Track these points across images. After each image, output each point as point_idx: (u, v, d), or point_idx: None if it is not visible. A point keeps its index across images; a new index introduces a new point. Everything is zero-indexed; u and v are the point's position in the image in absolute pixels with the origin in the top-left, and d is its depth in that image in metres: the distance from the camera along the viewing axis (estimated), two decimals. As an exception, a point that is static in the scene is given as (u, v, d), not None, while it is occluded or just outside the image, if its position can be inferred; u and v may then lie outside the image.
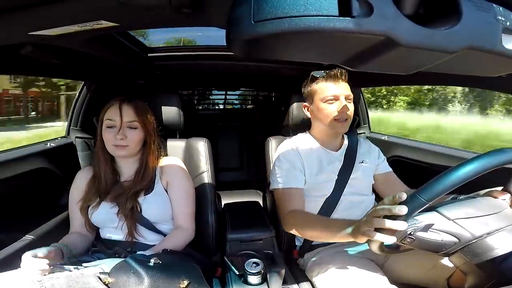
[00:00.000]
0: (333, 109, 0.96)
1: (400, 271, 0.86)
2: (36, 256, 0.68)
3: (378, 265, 0.86)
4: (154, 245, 0.86)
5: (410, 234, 0.59)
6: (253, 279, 0.75)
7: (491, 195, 0.68)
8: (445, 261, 0.77)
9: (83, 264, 0.69)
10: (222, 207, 1.29)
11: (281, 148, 1.05)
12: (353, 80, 1.00)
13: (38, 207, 1.13)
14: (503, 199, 0.66)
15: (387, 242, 0.58)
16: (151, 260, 0.67)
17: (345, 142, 1.07)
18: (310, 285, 0.90)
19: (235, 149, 2.54)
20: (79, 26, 0.56)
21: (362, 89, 1.66)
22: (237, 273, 0.77)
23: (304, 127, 1.13)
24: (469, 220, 0.60)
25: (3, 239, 0.91)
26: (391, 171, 1.08)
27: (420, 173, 1.30)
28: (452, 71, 0.53)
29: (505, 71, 0.51)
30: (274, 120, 2.02)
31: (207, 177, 1.08)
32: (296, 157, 0.99)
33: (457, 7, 0.36)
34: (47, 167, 1.18)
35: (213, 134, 2.39)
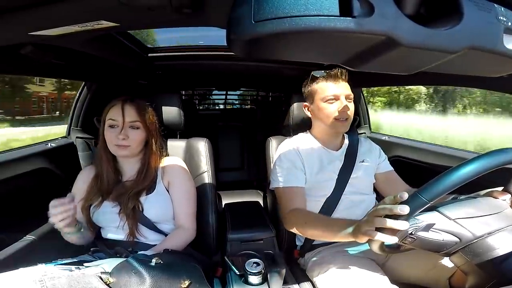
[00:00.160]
0: (333, 108, 0.96)
1: (401, 271, 0.86)
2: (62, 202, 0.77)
3: (378, 265, 0.86)
4: (155, 245, 0.87)
5: (411, 233, 0.59)
6: (254, 279, 0.75)
7: (491, 196, 0.68)
8: (445, 261, 0.77)
9: (84, 264, 0.69)
10: (223, 207, 1.29)
11: (281, 147, 1.05)
12: (354, 80, 1.00)
13: (39, 207, 1.12)
14: (503, 199, 0.66)
15: (388, 242, 0.58)
16: (153, 260, 0.67)
17: (346, 142, 1.07)
18: (310, 285, 0.90)
19: (236, 149, 2.54)
20: (79, 26, 0.56)
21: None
22: (238, 273, 0.77)
23: (304, 127, 1.13)
24: (470, 220, 0.60)
25: (3, 239, 0.91)
26: (392, 170, 1.08)
27: (421, 173, 1.29)
28: (453, 71, 0.53)
29: (506, 71, 0.51)
30: (274, 120, 2.02)
31: (207, 177, 1.08)
32: (296, 156, 0.99)
33: (458, 7, 0.36)
34: (47, 167, 1.18)
35: (213, 134, 2.39)
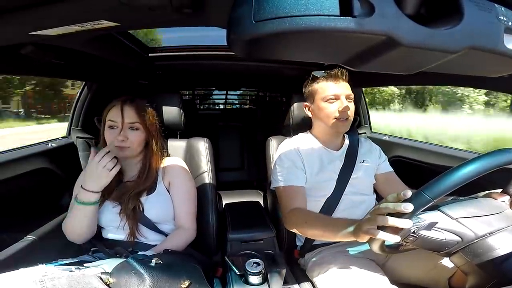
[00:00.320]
0: (334, 108, 0.96)
1: (401, 271, 0.86)
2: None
3: (379, 265, 0.86)
4: (156, 245, 0.87)
5: (413, 232, 0.58)
6: (254, 279, 0.75)
7: (490, 197, 0.68)
8: (446, 261, 0.76)
9: (84, 264, 0.69)
10: (223, 207, 1.29)
11: (282, 147, 1.05)
12: (354, 80, 1.00)
13: (40, 207, 1.13)
14: (502, 200, 0.66)
15: (389, 242, 0.57)
16: (153, 260, 0.67)
17: (346, 142, 1.07)
18: (310, 285, 0.90)
19: (236, 149, 2.54)
20: (80, 26, 0.56)
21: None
22: (238, 273, 0.77)
23: (305, 126, 1.13)
24: (472, 220, 0.59)
25: (4, 239, 0.91)
26: (392, 171, 1.08)
27: (421, 173, 1.30)
28: (454, 71, 0.53)
29: (507, 71, 0.50)
30: (274, 120, 2.02)
31: (207, 177, 1.08)
32: (297, 156, 0.99)
33: (458, 7, 0.36)
34: (48, 167, 1.18)
35: (213, 134, 2.39)
